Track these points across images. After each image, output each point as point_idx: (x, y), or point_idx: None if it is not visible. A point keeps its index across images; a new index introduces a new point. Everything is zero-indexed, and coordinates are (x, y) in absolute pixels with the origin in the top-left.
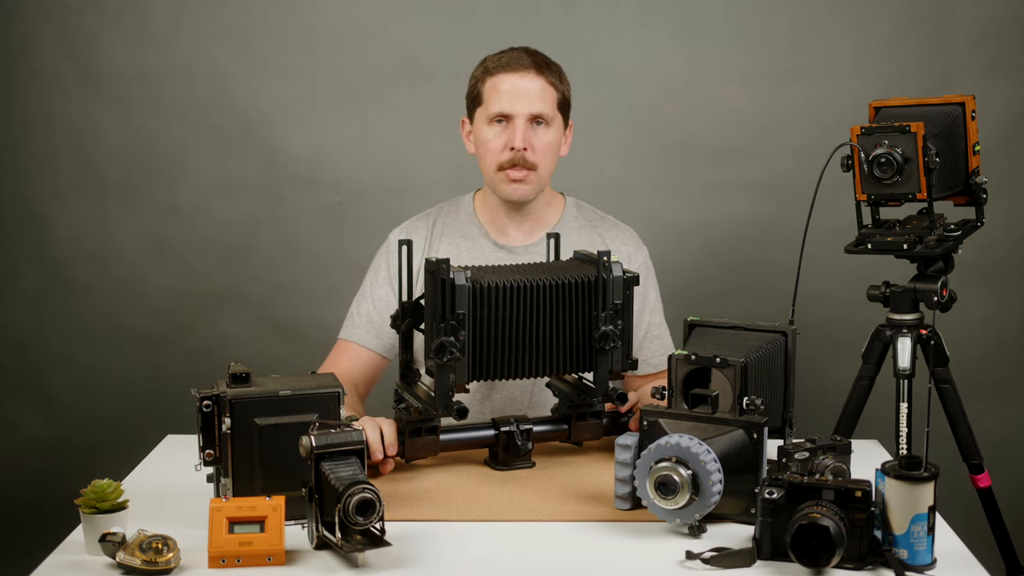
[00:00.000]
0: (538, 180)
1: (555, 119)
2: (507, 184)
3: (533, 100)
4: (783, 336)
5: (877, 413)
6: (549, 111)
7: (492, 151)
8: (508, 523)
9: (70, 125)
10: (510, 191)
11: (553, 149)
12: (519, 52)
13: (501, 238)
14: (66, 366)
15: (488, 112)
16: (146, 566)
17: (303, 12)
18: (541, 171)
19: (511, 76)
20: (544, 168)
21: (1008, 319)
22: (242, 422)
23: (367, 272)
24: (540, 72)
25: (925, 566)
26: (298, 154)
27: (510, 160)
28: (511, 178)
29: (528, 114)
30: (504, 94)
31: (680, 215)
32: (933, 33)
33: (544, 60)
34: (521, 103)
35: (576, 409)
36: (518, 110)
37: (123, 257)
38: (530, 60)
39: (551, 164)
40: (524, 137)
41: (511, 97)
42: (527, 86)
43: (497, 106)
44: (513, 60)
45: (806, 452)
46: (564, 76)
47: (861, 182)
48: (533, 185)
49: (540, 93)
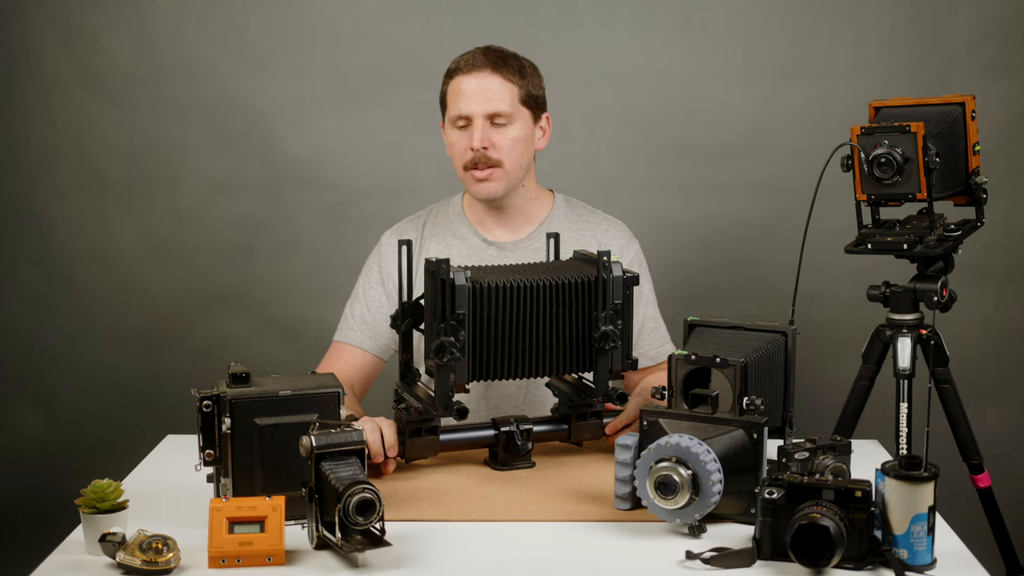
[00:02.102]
0: (506, 176)
1: (517, 115)
2: (474, 184)
3: (489, 99)
4: (783, 336)
5: (877, 413)
6: (507, 108)
7: (457, 153)
8: (508, 523)
9: (70, 125)
10: (477, 190)
11: (518, 145)
12: (476, 52)
13: (490, 235)
14: (66, 366)
15: (450, 115)
16: (146, 566)
17: (303, 12)
18: (508, 167)
19: (466, 78)
20: (511, 164)
21: (1008, 319)
22: (242, 422)
23: (360, 274)
24: (496, 70)
25: (925, 566)
26: (298, 154)
27: (472, 160)
28: (476, 178)
29: (484, 113)
30: (462, 96)
31: (679, 215)
32: (933, 33)
33: (502, 57)
34: (476, 103)
35: (576, 409)
36: (475, 110)
37: (124, 257)
38: (485, 59)
39: (519, 159)
40: (482, 136)
41: (467, 98)
42: (481, 86)
43: (456, 108)
44: (469, 61)
45: (806, 452)
46: (529, 71)
47: (861, 182)
48: (500, 182)
49: (497, 91)
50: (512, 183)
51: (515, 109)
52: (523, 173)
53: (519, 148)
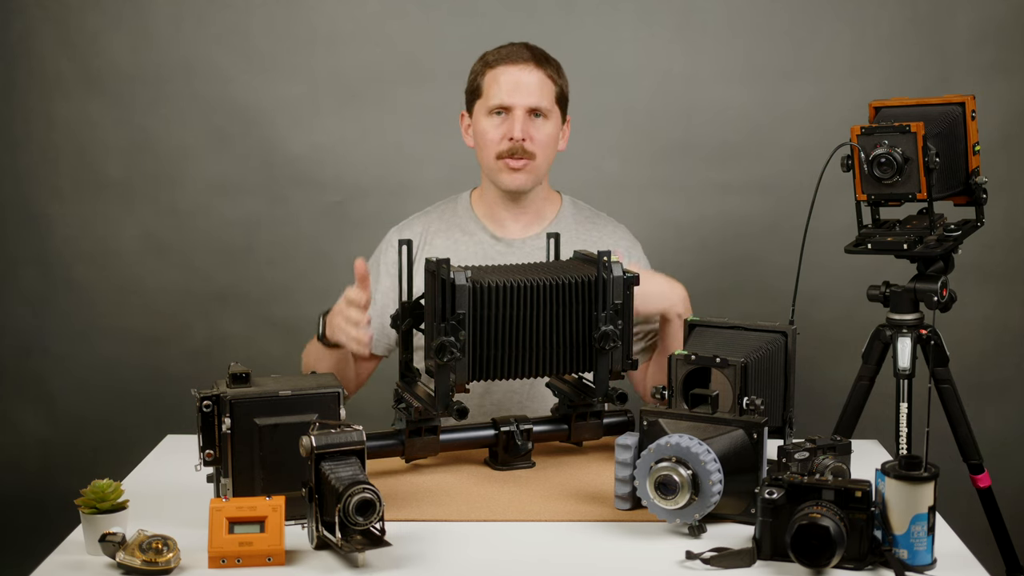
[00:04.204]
0: (536, 170)
1: (553, 112)
2: (506, 173)
3: (532, 92)
4: (783, 336)
5: (877, 413)
6: (547, 104)
7: (491, 142)
8: (508, 523)
9: (70, 125)
10: (508, 180)
11: (551, 142)
12: (519, 46)
13: (499, 231)
14: (66, 366)
15: (488, 104)
16: (146, 566)
17: (304, 12)
18: (539, 162)
19: (510, 68)
20: (542, 159)
21: (1008, 319)
22: (242, 422)
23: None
24: (539, 65)
25: (925, 566)
26: (298, 154)
27: (509, 150)
28: (510, 167)
29: (527, 106)
30: (503, 86)
31: (679, 215)
32: (933, 33)
33: (543, 54)
34: (520, 95)
35: (576, 409)
36: (517, 101)
37: (123, 257)
38: (529, 54)
39: (549, 156)
40: (523, 128)
41: (510, 89)
42: (526, 79)
43: (497, 98)
44: (513, 53)
45: (806, 452)
46: (562, 72)
47: (861, 182)
48: (532, 175)
49: (539, 86)
50: (539, 178)
51: (552, 106)
52: (547, 171)
53: (550, 145)
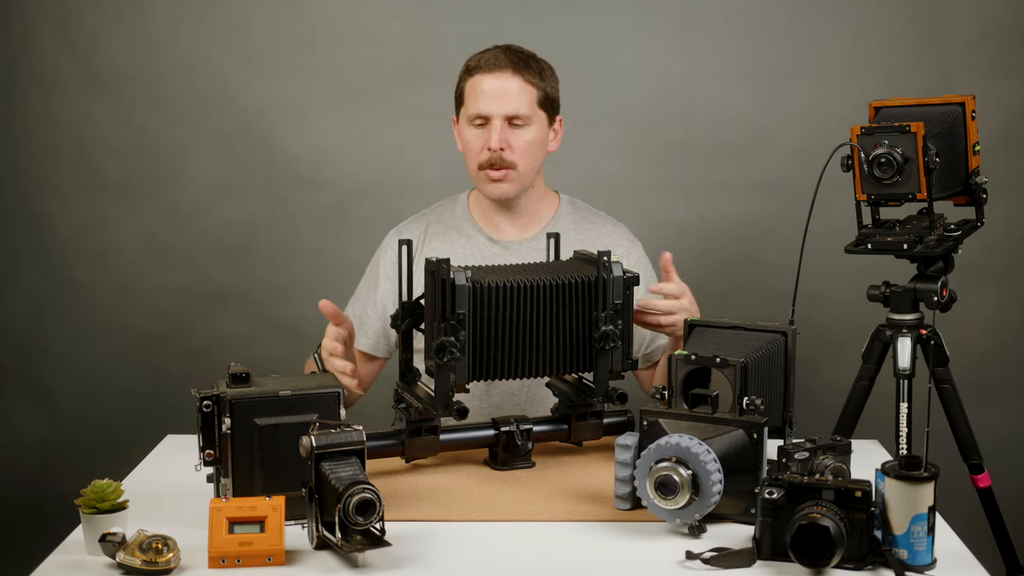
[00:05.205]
0: (519, 178)
1: (535, 118)
2: (487, 184)
3: (509, 100)
4: (783, 336)
5: (877, 413)
6: (526, 111)
7: (472, 151)
8: (508, 523)
9: (70, 125)
10: (490, 190)
11: (533, 147)
12: (497, 51)
13: (496, 234)
14: (66, 366)
15: (468, 113)
16: (146, 566)
17: (304, 12)
18: (521, 169)
19: (487, 77)
20: (525, 166)
21: (1008, 319)
22: (242, 422)
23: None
24: (517, 71)
25: (925, 566)
26: (298, 154)
27: (488, 160)
28: (491, 178)
29: (504, 114)
30: (481, 95)
31: (679, 215)
32: (933, 33)
33: (523, 58)
34: (496, 104)
35: (576, 409)
36: (494, 110)
37: (123, 257)
38: (507, 59)
39: (532, 162)
40: (500, 137)
41: (487, 98)
42: (503, 86)
43: (475, 107)
44: (490, 60)
45: (806, 452)
46: (547, 73)
47: (861, 182)
48: (514, 184)
49: (517, 93)
50: (524, 185)
51: (533, 112)
52: (535, 175)
53: (534, 151)
